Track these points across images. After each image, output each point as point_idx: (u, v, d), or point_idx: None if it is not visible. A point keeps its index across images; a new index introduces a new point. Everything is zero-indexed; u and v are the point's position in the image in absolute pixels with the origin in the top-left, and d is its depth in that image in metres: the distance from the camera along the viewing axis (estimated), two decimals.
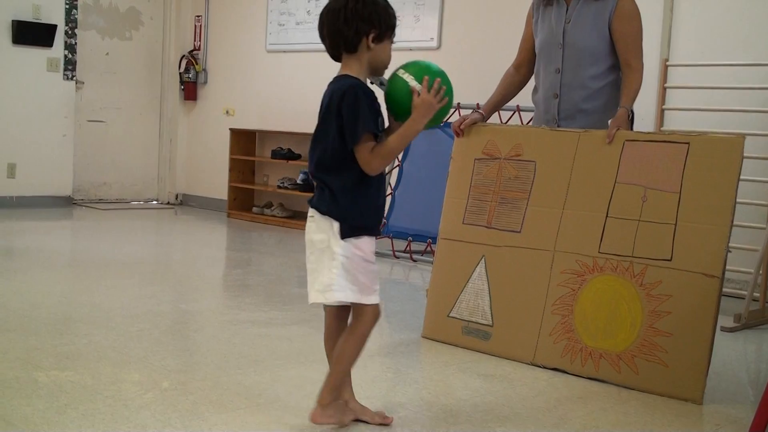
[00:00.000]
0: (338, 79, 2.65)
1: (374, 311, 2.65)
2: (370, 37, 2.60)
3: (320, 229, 2.61)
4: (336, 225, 2.58)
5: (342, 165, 2.59)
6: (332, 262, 2.58)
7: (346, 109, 2.55)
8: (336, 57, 2.68)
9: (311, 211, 2.65)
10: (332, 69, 2.73)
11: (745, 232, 4.98)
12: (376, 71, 2.70)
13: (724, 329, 4.43)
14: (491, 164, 3.87)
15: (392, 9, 2.67)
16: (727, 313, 4.49)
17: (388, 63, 2.71)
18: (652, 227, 3.40)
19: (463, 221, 3.89)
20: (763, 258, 4.71)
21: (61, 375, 3.06)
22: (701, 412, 3.12)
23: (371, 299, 2.63)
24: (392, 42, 2.68)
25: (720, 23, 5.60)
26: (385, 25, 2.62)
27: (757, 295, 4.83)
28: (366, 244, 2.62)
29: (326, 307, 2.76)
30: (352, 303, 2.64)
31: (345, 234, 2.58)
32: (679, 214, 3.35)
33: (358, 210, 2.61)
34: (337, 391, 2.68)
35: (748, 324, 4.60)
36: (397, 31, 2.72)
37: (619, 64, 3.82)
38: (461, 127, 3.94)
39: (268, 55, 8.64)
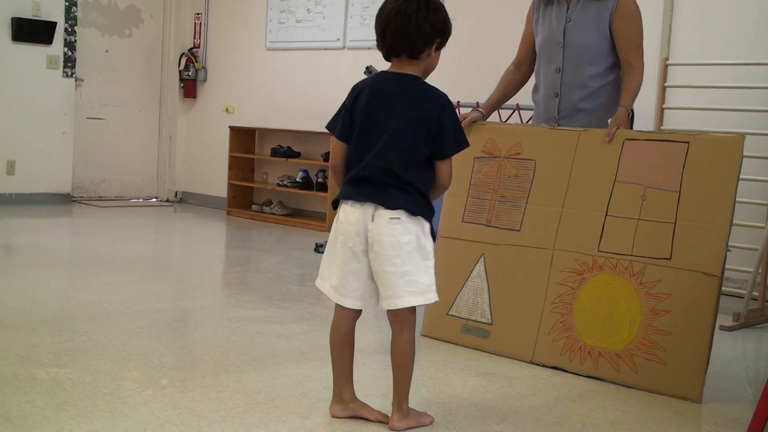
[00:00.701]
0: (411, 80, 2.64)
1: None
2: (434, 45, 2.63)
3: (408, 230, 2.57)
4: (427, 225, 2.62)
5: (425, 168, 2.63)
6: (427, 262, 2.62)
7: (451, 120, 2.62)
8: (388, 57, 2.67)
9: (394, 213, 2.56)
10: (331, 67, 2.74)
11: (745, 231, 4.98)
12: (425, 75, 2.71)
13: (722, 328, 4.43)
14: (491, 163, 3.87)
15: (449, 18, 2.68)
16: (726, 312, 4.49)
17: (435, 68, 2.74)
18: (651, 226, 3.40)
19: (463, 219, 3.89)
20: (762, 257, 4.71)
21: (60, 372, 3.06)
22: (700, 411, 3.12)
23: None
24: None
25: (720, 22, 5.60)
26: (447, 34, 2.66)
27: (756, 294, 4.83)
28: None
29: (343, 309, 2.72)
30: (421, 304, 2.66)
31: (434, 235, 2.64)
32: (678, 213, 3.35)
33: (433, 213, 2.66)
34: (408, 395, 2.70)
35: (747, 323, 4.60)
36: None
37: (619, 63, 3.82)
38: (461, 125, 3.93)
39: (267, 53, 8.64)
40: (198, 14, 9.31)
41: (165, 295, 4.60)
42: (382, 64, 2.75)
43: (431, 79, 2.72)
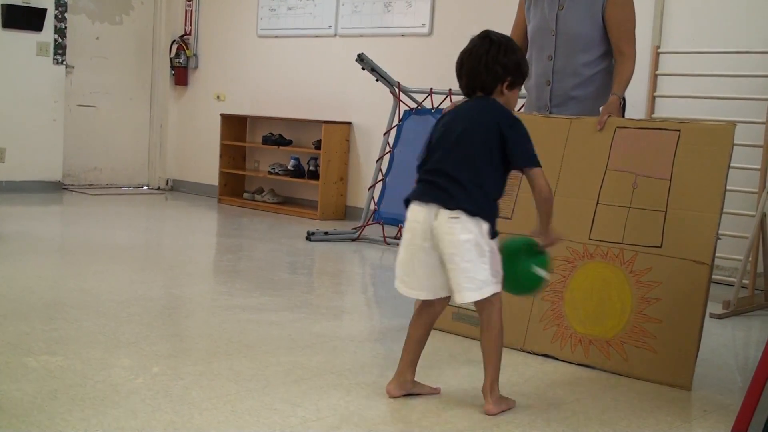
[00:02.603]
0: (489, 99, 2.83)
1: (500, 298, 2.81)
2: (505, 83, 2.81)
3: (467, 229, 2.71)
4: (485, 226, 2.73)
5: (496, 175, 2.78)
6: (482, 259, 2.72)
7: (512, 134, 2.76)
8: (469, 95, 2.89)
9: (453, 213, 2.71)
10: (323, 55, 2.74)
11: (735, 219, 4.99)
12: None
13: (713, 316, 4.44)
14: None
15: (525, 60, 2.89)
16: (716, 300, 4.51)
17: (515, 107, 2.92)
18: (642, 214, 3.41)
19: None
20: (752, 245, 4.72)
21: (51, 360, 3.06)
22: (690, 398, 3.13)
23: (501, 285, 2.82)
24: (520, 90, 2.90)
25: (711, 11, 5.60)
26: (519, 73, 2.84)
27: (746, 282, 4.85)
28: None
29: (418, 300, 2.93)
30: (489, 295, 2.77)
31: (492, 235, 2.75)
32: (669, 201, 3.36)
33: (495, 214, 2.79)
34: (498, 379, 2.82)
35: (737, 311, 4.62)
36: (389, 17, 2.78)
37: (611, 51, 3.82)
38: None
39: (259, 40, 8.60)
40: (189, 1, 9.26)
41: (156, 283, 4.60)
42: (374, 52, 2.76)
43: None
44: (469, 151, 2.76)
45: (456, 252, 2.71)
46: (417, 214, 2.79)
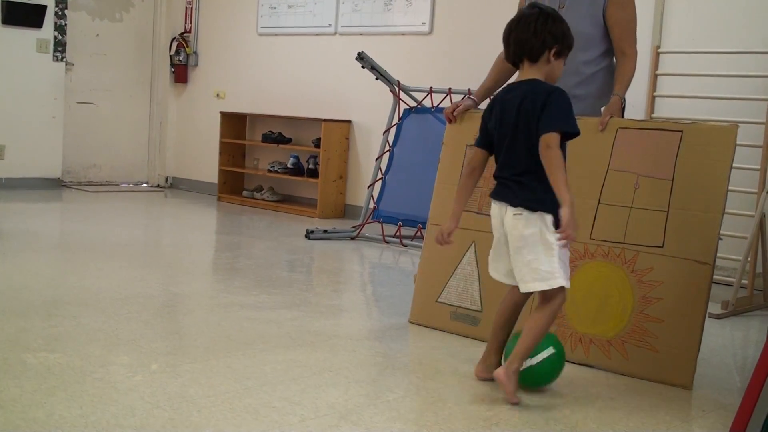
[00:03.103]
0: (530, 82, 2.92)
1: (565, 292, 2.93)
2: (552, 51, 2.91)
3: (530, 224, 2.87)
4: (549, 218, 2.86)
5: (542, 165, 2.85)
6: (551, 251, 2.86)
7: (552, 103, 2.83)
8: (515, 63, 2.99)
9: (516, 209, 2.89)
10: (323, 53, 2.73)
11: (734, 219, 4.99)
12: (549, 81, 2.98)
13: (711, 316, 4.43)
14: None
15: (570, 31, 2.96)
16: (714, 300, 4.50)
17: (559, 77, 3.00)
18: (644, 214, 3.40)
19: None
20: (751, 245, 4.72)
21: (50, 357, 3.06)
22: (688, 398, 3.13)
23: (569, 282, 2.92)
24: (564, 61, 2.98)
25: (711, 10, 5.60)
26: (566, 42, 2.94)
27: (745, 282, 4.84)
28: None
29: (506, 286, 3.10)
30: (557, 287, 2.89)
31: (557, 225, 2.83)
32: (671, 201, 3.35)
33: (557, 204, 2.83)
34: (523, 359, 2.91)
35: (735, 311, 4.62)
36: (389, 16, 2.79)
37: (612, 50, 3.82)
38: (453, 113, 3.92)
39: (259, 38, 8.60)
40: None
41: (155, 281, 4.59)
42: (374, 51, 2.75)
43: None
44: (522, 149, 2.88)
45: (523, 245, 2.88)
46: (493, 209, 3.02)
